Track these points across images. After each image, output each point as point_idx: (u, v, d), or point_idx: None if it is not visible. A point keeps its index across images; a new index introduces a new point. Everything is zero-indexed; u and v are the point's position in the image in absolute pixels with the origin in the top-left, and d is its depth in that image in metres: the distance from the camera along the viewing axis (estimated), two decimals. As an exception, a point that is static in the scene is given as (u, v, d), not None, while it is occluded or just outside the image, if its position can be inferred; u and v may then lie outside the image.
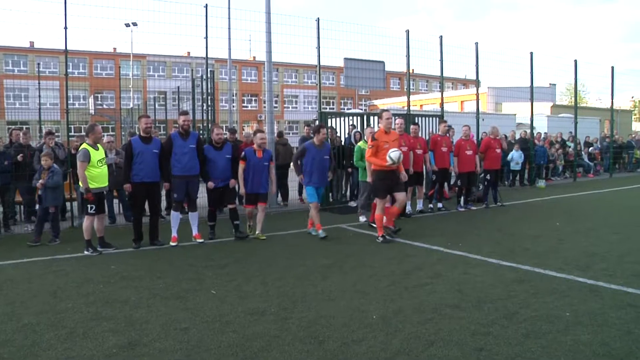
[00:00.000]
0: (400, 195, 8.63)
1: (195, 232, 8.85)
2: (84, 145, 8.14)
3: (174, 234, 8.66)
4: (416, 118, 14.72)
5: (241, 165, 8.84)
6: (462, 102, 36.35)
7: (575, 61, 20.11)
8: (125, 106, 40.60)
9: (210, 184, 8.78)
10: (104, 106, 46.18)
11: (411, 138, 11.28)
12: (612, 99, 22.36)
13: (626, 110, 42.53)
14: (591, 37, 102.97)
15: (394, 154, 8.38)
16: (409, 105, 15.12)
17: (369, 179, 9.18)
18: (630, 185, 17.85)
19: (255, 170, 8.87)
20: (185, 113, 8.93)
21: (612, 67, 21.51)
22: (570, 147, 20.87)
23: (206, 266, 7.07)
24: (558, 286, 5.82)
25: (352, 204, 12.79)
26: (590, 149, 22.86)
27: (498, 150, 12.77)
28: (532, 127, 18.65)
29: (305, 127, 13.61)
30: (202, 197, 9.23)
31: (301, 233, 9.46)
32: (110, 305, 5.45)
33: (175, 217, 8.79)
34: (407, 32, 14.30)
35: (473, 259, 7.21)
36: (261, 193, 9.04)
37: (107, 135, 12.22)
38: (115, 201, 11.20)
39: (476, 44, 15.97)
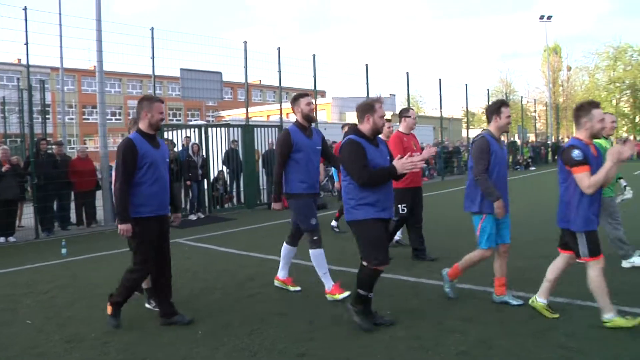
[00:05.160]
0: None
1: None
2: None
3: (332, 281, 5.85)
4: (255, 129, 14.88)
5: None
6: (307, 112, 37.23)
7: (407, 73, 21.65)
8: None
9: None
10: None
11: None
12: (441, 108, 24.32)
13: (457, 118, 46.29)
14: (430, 50, 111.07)
15: None
16: (247, 116, 15.22)
17: None
18: (458, 187, 19.42)
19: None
20: (306, 95, 5.97)
21: (440, 80, 23.61)
22: (406, 153, 22.28)
23: (25, 294, 6.46)
24: (385, 286, 6.06)
25: (192, 217, 12.57)
26: (425, 154, 24.63)
27: None
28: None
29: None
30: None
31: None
32: None
33: (320, 256, 5.83)
34: (245, 43, 14.41)
35: (306, 265, 7.33)
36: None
37: None
38: None
39: (314, 56, 16.51)
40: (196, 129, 13.93)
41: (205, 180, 13.46)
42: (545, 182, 19.92)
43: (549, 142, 39.37)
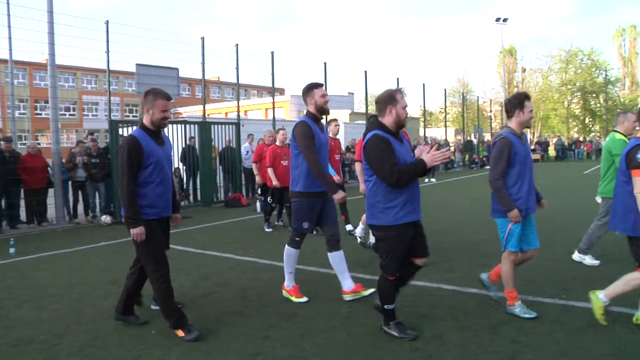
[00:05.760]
0: None
1: (349, 284, 5.58)
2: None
3: (293, 281, 5.71)
4: (212, 126, 14.73)
5: None
6: (266, 109, 37.19)
7: (365, 72, 21.82)
8: None
9: None
10: None
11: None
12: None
13: (415, 117, 46.77)
14: (388, 50, 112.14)
15: None
16: (204, 113, 15.09)
17: None
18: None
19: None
20: (321, 85, 5.60)
21: (397, 79, 23.98)
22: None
23: (-32, 296, 6.24)
24: (340, 284, 6.07)
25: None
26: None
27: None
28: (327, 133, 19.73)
29: (89, 136, 12.87)
30: None
31: (89, 249, 8.86)
32: None
33: (294, 255, 5.67)
34: (202, 39, 14.28)
35: (262, 263, 7.33)
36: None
37: None
38: None
39: (272, 53, 16.51)
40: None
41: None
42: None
43: (503, 141, 40.09)
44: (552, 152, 41.12)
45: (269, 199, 10.15)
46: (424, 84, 26.62)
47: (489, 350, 4.13)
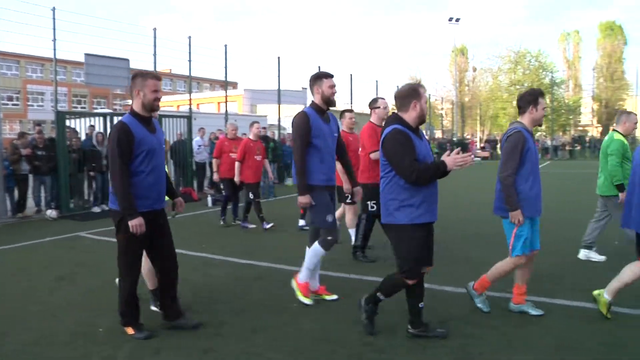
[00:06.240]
0: None
1: (315, 283, 5.49)
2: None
3: (307, 278, 5.37)
4: (163, 119, 14.49)
5: None
6: (219, 103, 36.72)
7: (319, 67, 21.82)
8: None
9: None
10: None
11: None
12: (351, 102, 24.85)
13: (367, 114, 47.05)
14: (342, 46, 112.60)
15: None
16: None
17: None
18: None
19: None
20: (331, 75, 5.24)
21: (351, 75, 24.23)
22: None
23: None
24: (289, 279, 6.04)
25: (96, 209, 12.08)
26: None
27: (233, 155, 9.81)
28: (279, 128, 19.71)
29: (36, 127, 12.47)
30: None
31: (33, 245, 8.58)
32: None
33: (319, 255, 5.29)
34: (155, 30, 14.01)
35: (214, 259, 7.27)
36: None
37: None
38: None
39: (225, 46, 16.42)
40: (101, 118, 13.37)
41: (110, 171, 12.94)
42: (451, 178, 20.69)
43: (454, 138, 41.09)
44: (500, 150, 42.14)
45: (250, 195, 9.51)
46: (377, 81, 26.77)
47: (438, 345, 4.21)
